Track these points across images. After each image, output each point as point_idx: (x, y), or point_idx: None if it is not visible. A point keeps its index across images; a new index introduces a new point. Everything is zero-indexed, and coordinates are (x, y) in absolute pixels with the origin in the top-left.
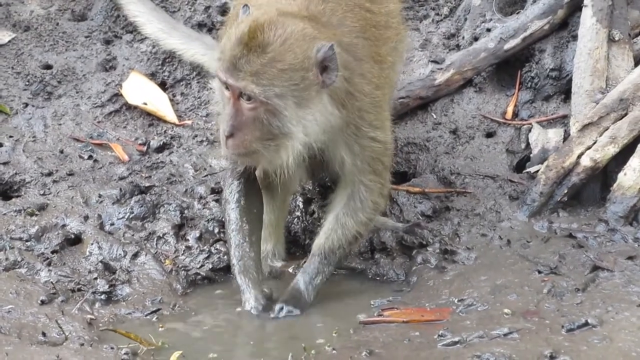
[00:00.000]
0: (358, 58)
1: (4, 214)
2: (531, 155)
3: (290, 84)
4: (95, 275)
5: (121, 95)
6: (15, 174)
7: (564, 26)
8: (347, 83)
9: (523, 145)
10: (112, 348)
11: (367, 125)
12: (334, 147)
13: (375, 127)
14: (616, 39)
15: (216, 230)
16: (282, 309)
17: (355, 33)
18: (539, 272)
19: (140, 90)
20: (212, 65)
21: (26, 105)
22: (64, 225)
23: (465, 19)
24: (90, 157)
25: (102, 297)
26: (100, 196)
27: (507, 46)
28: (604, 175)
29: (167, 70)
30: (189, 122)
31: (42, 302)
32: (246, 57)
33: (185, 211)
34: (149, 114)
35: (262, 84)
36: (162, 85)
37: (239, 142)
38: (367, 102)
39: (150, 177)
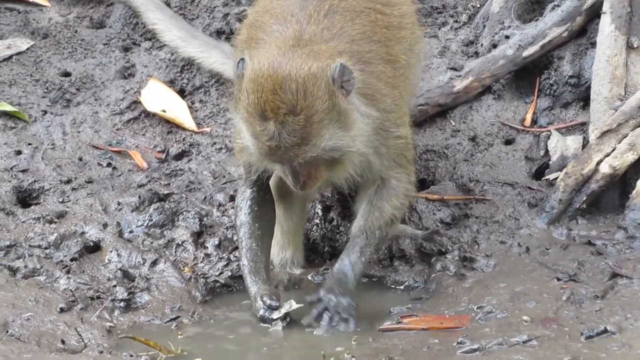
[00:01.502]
0: (367, 60)
1: (23, 222)
2: (550, 162)
3: (329, 122)
4: (114, 282)
5: (140, 102)
6: (34, 181)
7: (583, 33)
8: (364, 85)
9: (542, 153)
10: (131, 356)
11: (392, 126)
12: (368, 152)
13: (398, 125)
14: (635, 46)
15: (235, 238)
16: (328, 296)
17: (365, 38)
18: (558, 279)
19: (158, 97)
20: (240, 123)
21: (45, 112)
22: (83, 233)
23: (484, 26)
24: (109, 164)
25: (121, 304)
26: (119, 204)
27: (525, 53)
28: (623, 182)
29: (186, 78)
30: (208, 129)
31: (61, 310)
32: (284, 132)
33: (204, 219)
34: (167, 122)
35: (313, 144)
36: (181, 93)
37: (311, 183)
38: (389, 102)
39: (169, 184)
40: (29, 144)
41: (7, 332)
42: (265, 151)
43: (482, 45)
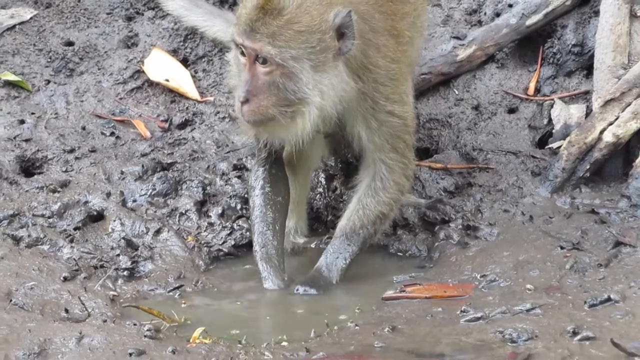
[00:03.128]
0: (374, 30)
1: (27, 191)
2: (553, 131)
3: (306, 46)
4: (118, 251)
5: (143, 71)
6: (38, 150)
7: (586, 2)
8: (362, 55)
9: (545, 121)
10: (134, 324)
11: (383, 99)
12: (351, 122)
13: (393, 100)
14: (638, 14)
15: (238, 207)
16: (298, 290)
17: (372, 5)
18: (562, 247)
19: (162, 66)
20: (229, 33)
21: (48, 82)
22: (86, 202)
23: None
24: (112, 133)
25: (125, 273)
26: (122, 173)
27: (529, 22)
28: (626, 151)
29: (189, 47)
30: (211, 98)
31: (65, 279)
32: (262, 20)
33: (208, 187)
34: (171, 91)
35: (279, 45)
36: (184, 62)
37: (254, 107)
38: (383, 74)
39: (172, 153)
40: (32, 114)
41: (11, 301)
42: (237, 30)
43: (485, 13)
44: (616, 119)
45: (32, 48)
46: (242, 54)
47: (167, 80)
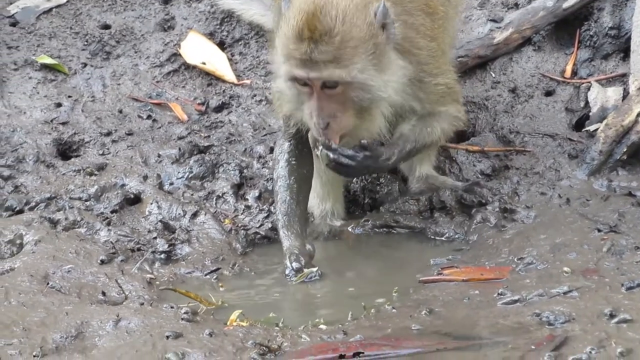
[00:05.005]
0: (408, 12)
1: (64, 174)
2: (590, 113)
3: (366, 55)
4: (155, 234)
5: (180, 54)
6: (75, 133)
7: None
8: (404, 39)
9: (582, 104)
10: (171, 307)
11: (427, 76)
12: (403, 100)
13: (436, 75)
14: None
15: (272, 191)
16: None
17: None
18: (599, 230)
19: (198, 49)
20: (276, 65)
21: (85, 65)
22: (123, 185)
23: None
24: (149, 116)
25: (162, 256)
26: (159, 156)
27: (565, 5)
28: None
29: (226, 30)
30: (248, 81)
31: (102, 262)
32: (317, 49)
33: (245, 170)
34: (207, 74)
35: (344, 65)
36: (221, 45)
37: (336, 127)
38: (425, 55)
39: (209, 136)
40: (69, 97)
41: (48, 284)
42: (295, 65)
43: None
44: None
45: (68, 31)
46: (304, 84)
47: (204, 64)
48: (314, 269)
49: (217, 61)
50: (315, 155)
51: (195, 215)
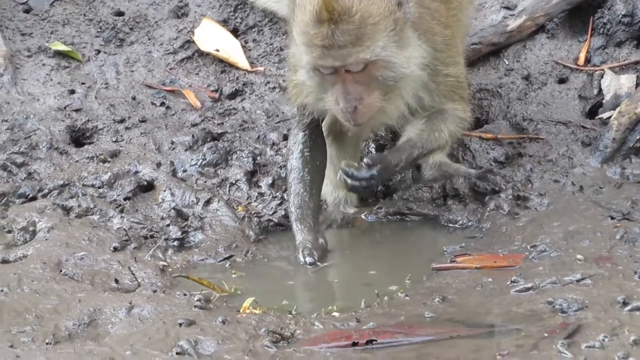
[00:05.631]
0: None
1: (77, 161)
2: (603, 101)
3: (387, 32)
4: (168, 222)
5: (193, 42)
6: (88, 120)
7: None
8: (420, 21)
9: (595, 91)
10: (184, 294)
11: (440, 64)
12: (413, 90)
13: (448, 64)
14: None
15: (286, 181)
16: (363, 163)
17: None
18: (612, 218)
19: (212, 37)
20: (297, 56)
21: (98, 52)
22: (136, 172)
23: None
24: (162, 103)
25: (175, 243)
26: (172, 143)
27: None
28: None
29: (239, 17)
30: (261, 68)
31: (115, 249)
32: (338, 31)
33: (258, 158)
34: (221, 61)
35: (367, 45)
36: (234, 32)
37: (364, 110)
38: (439, 41)
39: (222, 123)
40: (83, 84)
41: (61, 271)
42: (318, 54)
43: None
44: None
45: (82, 18)
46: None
47: (217, 51)
48: (327, 264)
49: (230, 48)
50: (329, 144)
51: (208, 202)
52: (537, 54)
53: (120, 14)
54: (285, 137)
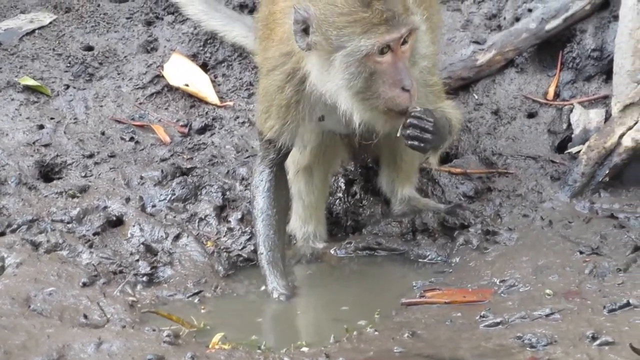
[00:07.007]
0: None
1: (46, 196)
2: (573, 135)
3: (418, 6)
4: (137, 257)
5: (162, 76)
6: (57, 155)
7: (605, 6)
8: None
9: (565, 126)
10: (154, 330)
11: (428, 74)
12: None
13: (432, 73)
14: None
15: (252, 222)
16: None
17: None
18: (581, 252)
19: (181, 71)
20: (357, 44)
21: (67, 87)
22: (105, 207)
23: (507, 0)
24: (131, 138)
25: (144, 279)
26: (141, 178)
27: (548, 27)
28: None
29: (209, 52)
30: (231, 103)
31: (84, 284)
32: (389, 2)
33: (227, 193)
34: (190, 96)
35: (413, 12)
36: (204, 67)
37: (415, 89)
38: (432, 50)
39: (191, 158)
40: (52, 119)
41: (30, 306)
42: (385, 30)
43: (505, 18)
44: (635, 123)
45: (51, 53)
46: (381, 53)
47: (187, 85)
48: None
49: (200, 83)
50: (297, 179)
51: (177, 237)
52: (507, 89)
53: (89, 48)
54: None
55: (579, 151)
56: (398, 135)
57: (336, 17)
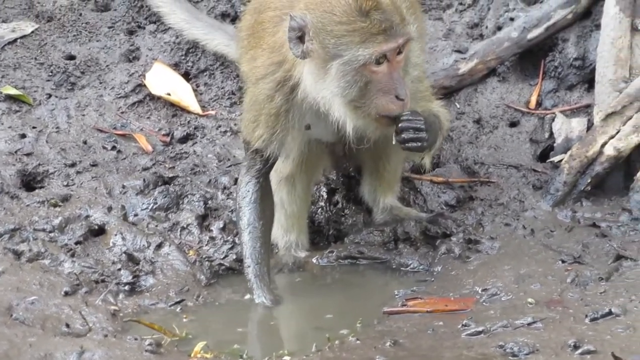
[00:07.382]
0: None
1: (27, 205)
2: (555, 144)
3: (412, 16)
4: (119, 266)
5: (144, 85)
6: (39, 165)
7: (587, 15)
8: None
9: (547, 135)
10: (135, 339)
11: (417, 80)
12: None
13: (420, 80)
14: (639, 28)
15: (237, 234)
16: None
17: None
18: (563, 261)
19: (163, 80)
20: (354, 54)
21: (49, 96)
22: (87, 216)
23: (489, 9)
24: (113, 147)
25: (126, 288)
26: (123, 187)
27: (530, 35)
28: (628, 164)
29: (191, 61)
30: (213, 112)
31: (66, 293)
32: (387, 12)
33: (209, 202)
34: (172, 105)
35: (408, 22)
36: (186, 76)
37: (409, 97)
38: (422, 58)
39: (173, 167)
40: (34, 128)
41: (12, 315)
42: (382, 39)
43: (486, 27)
44: (617, 132)
45: (33, 62)
46: (377, 62)
47: (169, 94)
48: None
49: (182, 92)
50: (279, 188)
51: (159, 246)
52: (489, 98)
53: (71, 57)
54: (237, 181)
55: (560, 160)
56: (394, 143)
57: (334, 26)
